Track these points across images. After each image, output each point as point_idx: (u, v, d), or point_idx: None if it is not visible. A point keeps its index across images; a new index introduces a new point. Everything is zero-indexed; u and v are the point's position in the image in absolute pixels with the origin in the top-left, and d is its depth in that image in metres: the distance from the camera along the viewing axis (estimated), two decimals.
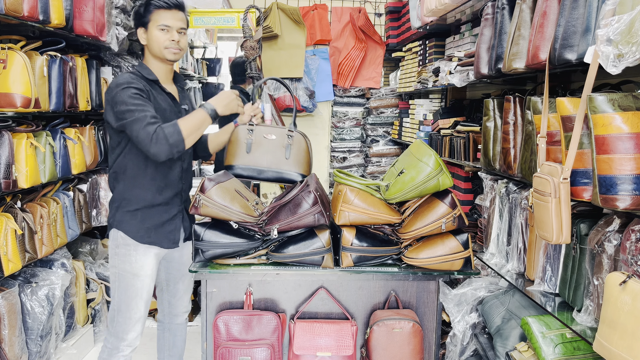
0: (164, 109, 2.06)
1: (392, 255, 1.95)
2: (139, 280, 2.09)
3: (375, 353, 1.89)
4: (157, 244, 2.12)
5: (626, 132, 1.31)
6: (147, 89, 2.01)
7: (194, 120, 1.97)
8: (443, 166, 1.85)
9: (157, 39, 2.01)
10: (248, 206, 1.97)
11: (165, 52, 2.04)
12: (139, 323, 2.12)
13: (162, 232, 2.13)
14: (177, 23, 2.04)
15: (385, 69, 4.47)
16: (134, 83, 1.96)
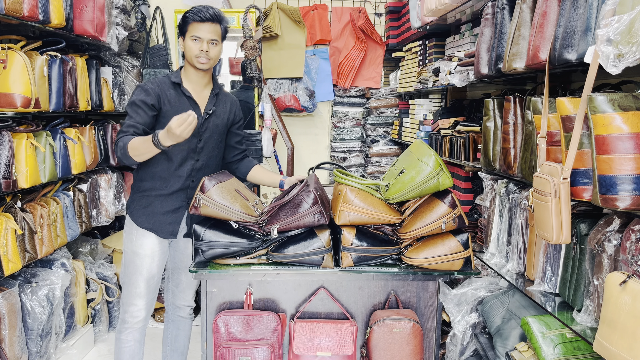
0: (181, 111, 2.12)
1: (392, 255, 1.95)
2: (137, 258, 2.25)
3: (375, 353, 1.89)
4: (154, 232, 2.24)
5: (626, 132, 1.31)
6: (165, 92, 2.18)
7: (141, 145, 2.03)
8: (443, 166, 1.85)
9: (190, 48, 2.17)
10: (248, 206, 1.97)
11: (194, 60, 2.18)
12: (139, 298, 2.27)
13: (162, 221, 2.25)
14: (209, 35, 2.16)
15: (385, 69, 4.47)
16: (143, 92, 2.15)
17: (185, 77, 2.25)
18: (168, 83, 2.22)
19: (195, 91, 2.25)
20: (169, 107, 2.18)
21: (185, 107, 2.18)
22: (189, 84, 2.24)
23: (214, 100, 2.30)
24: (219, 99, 2.33)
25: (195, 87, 2.25)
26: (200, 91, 2.26)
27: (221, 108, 2.32)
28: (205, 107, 2.26)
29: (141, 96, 2.14)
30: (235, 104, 2.42)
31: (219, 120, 2.30)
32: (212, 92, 2.31)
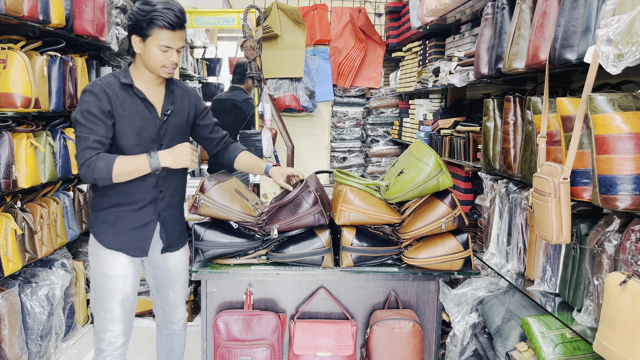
0: (136, 115, 1.97)
1: (392, 255, 1.95)
2: (109, 280, 2.03)
3: (375, 353, 1.89)
4: (124, 251, 2.03)
5: (626, 132, 1.31)
6: (117, 95, 1.94)
7: (130, 166, 1.89)
8: (443, 166, 1.85)
9: (155, 57, 1.93)
10: (248, 206, 1.97)
11: (160, 70, 1.97)
12: (115, 323, 2.05)
13: (131, 238, 2.03)
14: (178, 43, 1.96)
15: (385, 69, 4.47)
16: (95, 98, 1.90)
17: (136, 77, 2.01)
18: (117, 84, 1.97)
19: (149, 91, 2.02)
20: (122, 111, 1.95)
21: (140, 111, 1.98)
22: (141, 83, 2.01)
23: (171, 98, 2.08)
24: (176, 96, 2.11)
25: (148, 86, 2.02)
26: (154, 90, 2.04)
27: (179, 105, 2.11)
28: (162, 108, 2.04)
29: (95, 103, 1.89)
30: (193, 94, 2.20)
31: (178, 119, 2.10)
32: (166, 89, 2.08)
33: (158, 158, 1.89)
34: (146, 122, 1.99)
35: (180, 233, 2.19)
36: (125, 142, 1.95)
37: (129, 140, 1.95)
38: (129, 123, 1.95)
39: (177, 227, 2.15)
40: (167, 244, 2.12)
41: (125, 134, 1.95)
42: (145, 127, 1.99)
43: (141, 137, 1.98)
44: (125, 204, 2.00)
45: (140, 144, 1.97)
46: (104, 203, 2.02)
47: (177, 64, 1.98)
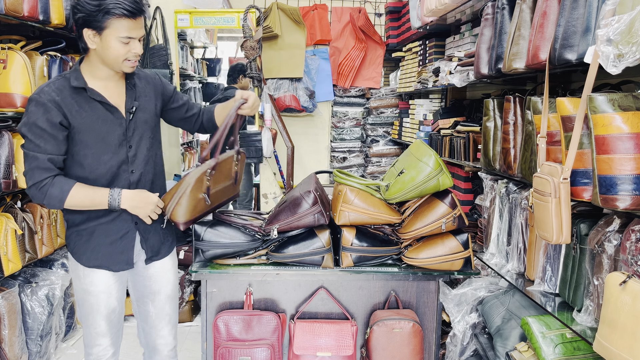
0: (97, 120, 1.74)
1: (392, 255, 1.95)
2: (91, 296, 1.86)
3: (375, 353, 1.89)
4: (105, 267, 1.85)
5: (626, 132, 1.31)
6: (69, 102, 1.70)
7: (87, 199, 1.72)
8: (443, 166, 1.85)
9: (116, 51, 1.68)
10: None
11: (123, 65, 1.73)
12: (102, 337, 1.91)
13: (111, 253, 1.84)
14: (140, 31, 1.71)
15: (385, 69, 4.47)
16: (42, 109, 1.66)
17: (90, 76, 1.75)
18: (68, 88, 1.71)
19: (107, 89, 1.77)
20: (79, 119, 1.71)
21: (100, 115, 1.74)
22: (97, 82, 1.76)
23: (133, 92, 1.84)
24: (138, 88, 1.87)
25: (105, 84, 1.77)
26: (113, 88, 1.79)
27: (144, 98, 1.87)
28: (125, 106, 1.81)
29: (42, 115, 1.65)
30: (156, 81, 1.95)
31: (146, 115, 1.86)
32: (127, 84, 1.83)
33: (120, 199, 1.73)
34: (110, 125, 1.77)
35: (165, 238, 1.98)
36: (90, 151, 1.74)
37: (93, 148, 1.74)
38: (91, 130, 1.73)
39: (159, 232, 1.95)
40: (151, 253, 1.93)
41: (88, 143, 1.74)
42: (110, 132, 1.77)
43: (107, 143, 1.76)
44: (97, 217, 1.81)
45: (106, 150, 1.76)
46: (76, 218, 1.83)
47: (139, 53, 1.74)
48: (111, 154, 1.77)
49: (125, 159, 1.81)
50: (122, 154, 1.80)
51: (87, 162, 1.75)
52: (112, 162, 1.78)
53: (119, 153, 1.79)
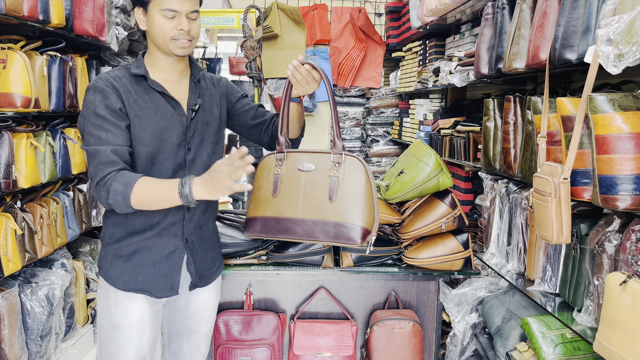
0: (156, 113, 1.55)
1: (392, 255, 1.95)
2: (121, 334, 1.58)
3: (375, 353, 1.89)
4: (147, 292, 1.59)
5: (626, 132, 1.31)
6: (128, 90, 1.54)
7: (155, 192, 1.45)
8: (443, 166, 1.85)
9: (161, 27, 1.51)
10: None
11: (171, 45, 1.53)
12: None
13: (154, 274, 1.59)
14: (187, 6, 1.52)
15: (385, 69, 4.47)
16: (101, 95, 1.50)
17: (151, 66, 1.60)
18: (128, 76, 1.56)
19: (169, 82, 1.60)
20: (137, 109, 1.53)
21: (160, 107, 1.56)
22: (159, 74, 1.60)
23: (197, 89, 1.66)
24: (202, 86, 1.68)
25: (167, 77, 1.61)
26: (175, 82, 1.62)
27: (208, 97, 1.68)
28: (187, 103, 1.62)
29: (101, 101, 1.49)
30: (223, 82, 1.78)
31: (208, 117, 1.66)
32: (191, 80, 1.66)
33: (191, 186, 1.42)
34: (169, 121, 1.56)
35: (214, 260, 1.73)
36: (144, 148, 1.53)
37: (148, 146, 1.53)
38: (148, 124, 1.53)
39: (209, 253, 1.71)
40: (197, 278, 1.66)
41: (143, 139, 1.53)
42: (169, 128, 1.56)
43: (164, 141, 1.55)
44: (142, 231, 1.57)
45: (162, 149, 1.55)
46: (115, 233, 1.60)
47: (193, 36, 1.56)
48: (167, 155, 1.56)
49: (183, 162, 1.58)
50: (180, 156, 1.58)
51: (141, 162, 1.54)
52: (167, 165, 1.56)
53: (176, 155, 1.57)
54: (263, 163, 1.58)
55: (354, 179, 1.47)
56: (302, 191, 1.49)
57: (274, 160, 1.57)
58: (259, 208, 1.53)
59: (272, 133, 1.78)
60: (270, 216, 1.51)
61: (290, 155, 1.55)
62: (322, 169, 1.50)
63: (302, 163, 1.52)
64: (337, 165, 1.49)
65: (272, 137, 1.78)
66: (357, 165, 1.48)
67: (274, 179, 1.54)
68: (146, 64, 1.60)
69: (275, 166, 1.54)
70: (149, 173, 1.54)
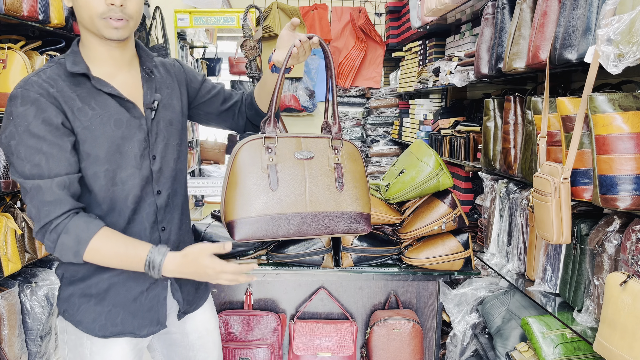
0: (109, 121, 1.24)
1: (392, 255, 1.95)
2: None
3: (375, 353, 1.89)
4: (128, 333, 1.33)
5: (627, 132, 1.31)
6: (68, 96, 1.20)
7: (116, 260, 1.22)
8: (443, 166, 1.85)
9: (87, 3, 1.17)
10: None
11: (100, 24, 1.18)
12: None
13: (136, 311, 1.33)
14: None
15: (385, 69, 4.47)
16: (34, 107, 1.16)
17: (89, 59, 1.25)
18: (64, 76, 1.21)
19: (115, 78, 1.27)
20: (85, 121, 1.20)
21: (113, 116, 1.24)
22: (100, 68, 1.25)
23: (151, 83, 1.35)
24: (157, 78, 1.37)
25: (111, 71, 1.27)
26: (122, 76, 1.29)
27: (166, 91, 1.38)
28: (143, 101, 1.31)
29: (35, 117, 1.15)
30: (177, 68, 1.46)
31: (170, 114, 1.37)
32: (142, 71, 1.34)
33: (161, 265, 1.21)
34: (127, 128, 1.26)
35: (200, 284, 1.53)
36: (100, 167, 1.23)
37: (105, 163, 1.23)
38: (102, 136, 1.22)
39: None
40: (186, 304, 1.45)
41: (98, 156, 1.22)
42: (128, 137, 1.26)
43: (124, 154, 1.26)
44: None
45: (122, 165, 1.26)
46: (79, 271, 1.30)
47: (130, 14, 1.21)
48: (131, 170, 1.27)
49: (149, 175, 1.31)
50: (145, 168, 1.30)
51: (99, 184, 1.24)
52: (133, 182, 1.28)
53: (141, 168, 1.29)
54: (242, 151, 1.27)
55: (354, 164, 1.37)
56: (305, 182, 1.30)
57: (260, 147, 1.28)
58: (250, 205, 1.25)
59: (246, 114, 1.54)
60: (274, 214, 1.26)
61: (280, 141, 1.31)
62: (321, 156, 1.34)
63: (297, 150, 1.32)
64: (336, 152, 1.34)
65: (248, 119, 1.55)
66: (353, 149, 1.39)
67: (269, 170, 1.27)
68: (83, 56, 1.25)
69: (266, 154, 1.28)
70: (113, 195, 1.26)
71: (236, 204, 1.26)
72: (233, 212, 1.26)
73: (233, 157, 1.26)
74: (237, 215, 1.26)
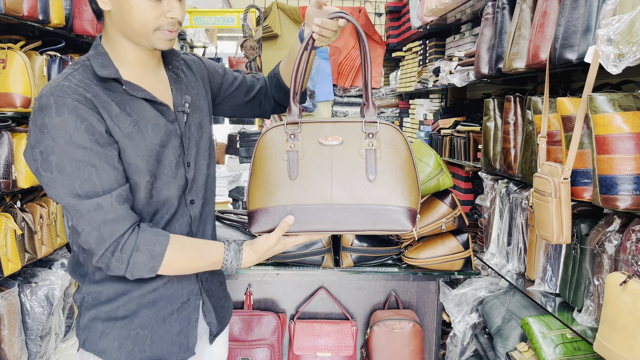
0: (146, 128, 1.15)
1: (392, 255, 1.95)
2: None
3: (375, 353, 1.89)
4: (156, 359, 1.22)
5: (627, 132, 1.31)
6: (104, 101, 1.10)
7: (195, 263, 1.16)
8: (443, 166, 1.85)
9: (143, 12, 1.09)
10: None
11: (154, 36, 1.12)
12: None
13: (164, 335, 1.22)
14: None
15: (385, 69, 4.47)
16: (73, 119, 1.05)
17: (117, 61, 1.16)
18: (95, 81, 1.12)
19: (145, 81, 1.19)
20: (125, 127, 1.12)
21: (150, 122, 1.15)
22: (128, 70, 1.17)
23: (180, 84, 1.27)
24: (182, 78, 1.29)
25: (140, 73, 1.19)
26: (150, 78, 1.21)
27: (193, 91, 1.30)
28: (173, 104, 1.23)
29: (77, 126, 1.05)
30: (197, 63, 1.37)
31: (200, 116, 1.29)
32: (169, 71, 1.26)
33: (242, 255, 1.19)
34: (165, 134, 1.18)
35: (225, 289, 1.43)
36: (143, 178, 1.14)
37: (146, 174, 1.15)
38: (142, 144, 1.14)
39: (222, 291, 1.40)
40: (219, 326, 1.35)
41: (139, 166, 1.13)
42: (166, 144, 1.18)
43: (161, 162, 1.18)
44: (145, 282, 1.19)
45: (160, 174, 1.18)
46: (103, 292, 1.18)
47: (180, 22, 1.15)
48: (167, 179, 1.18)
49: (184, 184, 1.22)
50: (180, 177, 1.21)
51: (139, 196, 1.14)
52: (170, 192, 1.19)
53: (177, 177, 1.20)
54: (266, 139, 1.20)
55: (393, 150, 1.18)
56: (330, 171, 1.17)
57: (283, 133, 1.19)
58: (270, 196, 1.17)
59: (273, 97, 1.47)
60: (291, 204, 1.16)
61: (305, 127, 1.19)
62: (351, 142, 1.18)
63: (324, 135, 1.19)
64: (370, 137, 1.18)
65: (276, 102, 1.48)
66: (394, 134, 1.19)
67: (288, 158, 1.18)
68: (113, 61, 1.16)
69: (287, 141, 1.18)
70: (149, 207, 1.18)
71: (256, 194, 1.19)
72: (253, 202, 1.20)
73: (256, 145, 1.21)
74: (256, 205, 1.19)
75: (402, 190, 1.17)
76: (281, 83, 1.44)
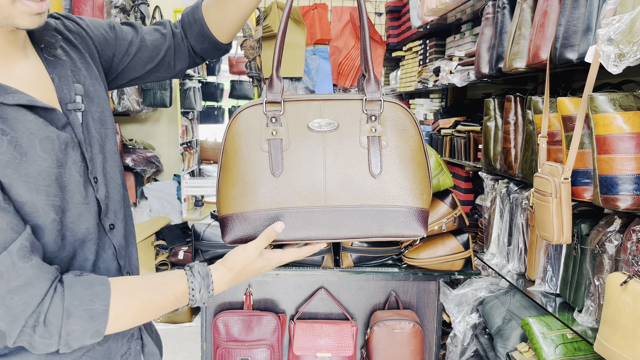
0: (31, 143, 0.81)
1: (392, 255, 1.95)
2: None
3: (375, 353, 1.89)
4: None
5: (627, 132, 1.31)
6: None
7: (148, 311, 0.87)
8: (443, 166, 1.85)
9: None
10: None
11: (13, 11, 0.77)
12: None
13: None
14: None
15: (385, 69, 4.47)
16: None
17: None
18: None
19: (14, 76, 0.84)
20: (5, 157, 0.78)
21: (37, 137, 0.82)
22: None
23: (60, 67, 0.92)
24: (60, 56, 0.94)
25: (7, 66, 0.84)
26: (22, 71, 0.86)
27: (81, 70, 0.96)
28: (59, 100, 0.90)
29: None
30: (77, 32, 1.03)
31: (96, 107, 0.96)
32: (42, 55, 0.91)
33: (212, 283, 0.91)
34: (59, 151, 0.86)
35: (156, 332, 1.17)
36: (44, 218, 0.83)
37: (49, 211, 0.84)
38: (32, 172, 0.81)
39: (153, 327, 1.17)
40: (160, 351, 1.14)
41: (36, 204, 0.82)
42: (65, 163, 0.87)
43: (65, 189, 0.87)
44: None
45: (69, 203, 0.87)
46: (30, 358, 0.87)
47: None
48: (81, 207, 0.89)
49: (97, 207, 0.93)
50: (90, 199, 0.91)
51: (46, 241, 0.84)
52: (86, 224, 0.90)
53: (87, 200, 0.90)
54: (239, 123, 0.93)
55: (402, 136, 0.94)
56: (323, 165, 0.92)
57: (261, 116, 0.92)
58: (248, 197, 0.91)
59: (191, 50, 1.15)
60: (275, 208, 0.91)
61: (289, 107, 0.93)
62: (349, 127, 0.93)
63: (315, 118, 0.92)
64: (373, 120, 0.92)
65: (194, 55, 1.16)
66: (402, 115, 0.94)
67: (270, 148, 0.91)
68: None
69: (267, 126, 0.92)
70: (62, 255, 0.87)
71: (229, 194, 0.93)
72: (226, 205, 0.93)
73: (226, 130, 0.92)
74: (230, 210, 0.92)
75: (413, 187, 0.93)
76: (206, 31, 1.11)
